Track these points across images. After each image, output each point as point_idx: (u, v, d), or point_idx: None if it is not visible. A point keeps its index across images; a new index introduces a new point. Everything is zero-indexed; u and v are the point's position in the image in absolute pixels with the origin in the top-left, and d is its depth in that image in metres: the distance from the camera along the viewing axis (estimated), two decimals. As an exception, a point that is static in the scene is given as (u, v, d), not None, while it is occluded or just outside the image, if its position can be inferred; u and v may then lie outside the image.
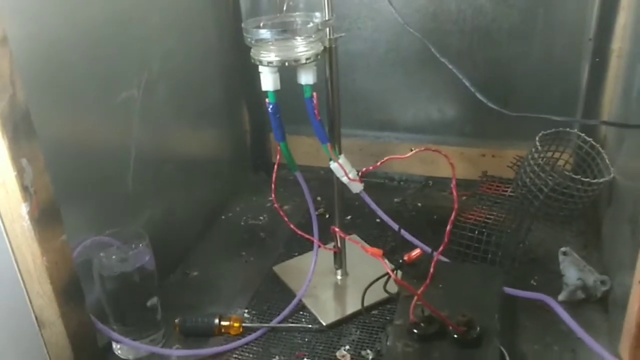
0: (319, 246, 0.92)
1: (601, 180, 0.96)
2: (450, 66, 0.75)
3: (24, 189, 0.65)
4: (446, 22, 1.16)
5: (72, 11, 0.79)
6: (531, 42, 1.15)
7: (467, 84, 0.75)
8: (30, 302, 0.72)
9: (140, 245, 0.84)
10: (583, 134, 1.03)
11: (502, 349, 0.78)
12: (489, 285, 0.81)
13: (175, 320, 0.90)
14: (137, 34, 0.92)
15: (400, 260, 0.85)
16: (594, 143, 1.02)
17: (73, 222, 0.81)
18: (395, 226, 0.90)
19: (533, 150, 1.02)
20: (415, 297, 0.73)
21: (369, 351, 0.85)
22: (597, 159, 1.02)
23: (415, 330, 0.72)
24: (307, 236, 0.91)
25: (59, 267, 0.71)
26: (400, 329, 0.74)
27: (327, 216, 1.18)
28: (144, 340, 0.87)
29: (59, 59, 0.77)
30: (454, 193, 0.72)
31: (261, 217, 1.20)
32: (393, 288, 0.86)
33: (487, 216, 1.05)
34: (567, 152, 1.08)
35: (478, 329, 0.71)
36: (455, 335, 0.71)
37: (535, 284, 0.96)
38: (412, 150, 1.28)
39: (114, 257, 0.82)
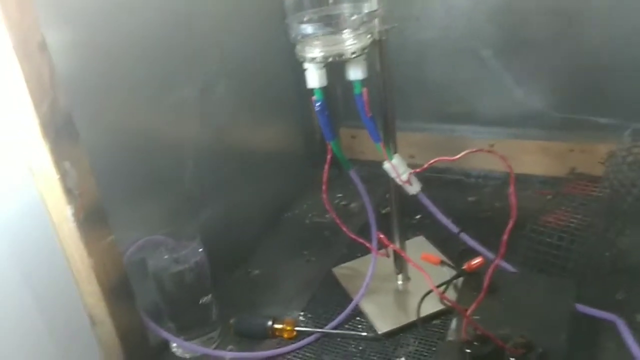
0: (372, 251, 0.87)
1: None
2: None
3: (68, 191, 0.66)
4: (528, 2, 1.06)
5: (128, 16, 0.79)
6: (630, 24, 1.01)
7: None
8: (83, 300, 0.74)
9: (192, 244, 0.84)
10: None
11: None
12: (559, 300, 0.72)
13: (230, 321, 0.90)
14: (193, 35, 0.91)
15: (461, 269, 0.78)
16: (699, 137, 0.89)
17: (129, 221, 0.83)
18: (455, 229, 0.83)
19: (624, 142, 0.91)
20: (471, 308, 0.66)
21: (425, 365, 0.80)
22: None
23: (467, 350, 0.66)
24: (360, 240, 0.86)
25: (107, 267, 0.72)
26: (452, 346, 0.68)
27: (395, 215, 1.13)
28: (201, 338, 0.87)
29: (115, 63, 0.78)
30: (512, 200, 0.64)
31: (327, 215, 1.17)
32: (452, 297, 0.80)
33: (571, 219, 0.95)
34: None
35: (540, 351, 0.64)
36: (512, 358, 0.64)
37: (621, 298, 0.85)
38: (487, 146, 1.20)
39: (165, 256, 0.83)
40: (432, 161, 0.66)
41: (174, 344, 0.88)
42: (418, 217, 1.11)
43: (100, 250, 0.71)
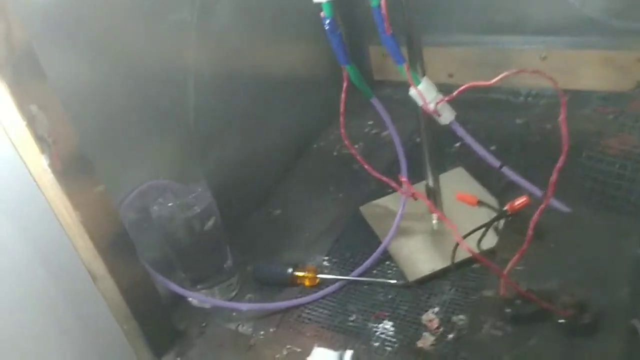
0: (397, 191, 0.76)
1: None
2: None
3: (39, 139, 0.58)
4: None
5: None
6: None
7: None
8: (80, 256, 0.68)
9: (199, 188, 0.76)
10: None
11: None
12: (621, 246, 0.61)
13: (248, 268, 0.83)
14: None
15: (503, 210, 0.67)
16: None
17: (128, 164, 0.76)
18: (496, 163, 0.71)
19: None
20: (509, 266, 0.56)
21: (462, 317, 0.70)
22: None
23: (507, 310, 0.56)
24: (385, 179, 0.76)
25: (99, 220, 0.65)
26: (489, 303, 0.58)
27: (431, 144, 1.01)
28: (220, 285, 0.81)
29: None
30: (563, 128, 0.52)
31: (356, 146, 1.06)
32: (491, 242, 0.69)
33: (637, 143, 0.81)
34: None
35: (594, 311, 0.53)
36: (561, 321, 0.53)
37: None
38: (539, 59, 1.04)
39: (170, 204, 0.75)
40: (462, 87, 0.54)
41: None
42: (457, 145, 0.99)
43: (88, 202, 0.63)
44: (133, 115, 0.75)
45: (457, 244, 0.70)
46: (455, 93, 0.55)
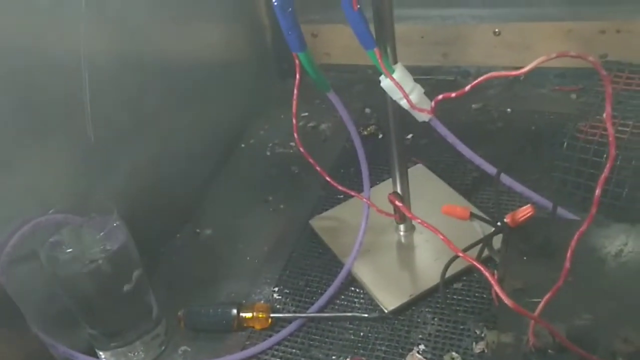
0: (372, 207, 0.62)
1: None
2: None
3: None
4: None
5: None
6: None
7: None
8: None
9: (109, 221, 0.57)
10: None
11: None
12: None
13: (179, 313, 0.65)
14: None
15: (503, 222, 0.55)
16: None
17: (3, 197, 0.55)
18: (492, 169, 0.58)
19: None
20: (540, 306, 0.43)
21: (454, 354, 0.58)
22: None
23: (538, 361, 0.43)
24: (347, 191, 0.61)
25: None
26: (509, 351, 0.45)
27: (380, 136, 0.87)
28: (143, 339, 0.63)
29: None
30: (608, 127, 0.39)
31: (292, 143, 0.90)
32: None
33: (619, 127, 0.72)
34: None
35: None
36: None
37: None
38: (492, 33, 0.93)
39: (69, 249, 0.55)
40: (480, 79, 0.39)
41: (102, 355, 0.63)
42: (409, 137, 0.86)
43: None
44: (6, 120, 0.55)
45: (452, 259, 0.57)
46: (468, 87, 0.41)
